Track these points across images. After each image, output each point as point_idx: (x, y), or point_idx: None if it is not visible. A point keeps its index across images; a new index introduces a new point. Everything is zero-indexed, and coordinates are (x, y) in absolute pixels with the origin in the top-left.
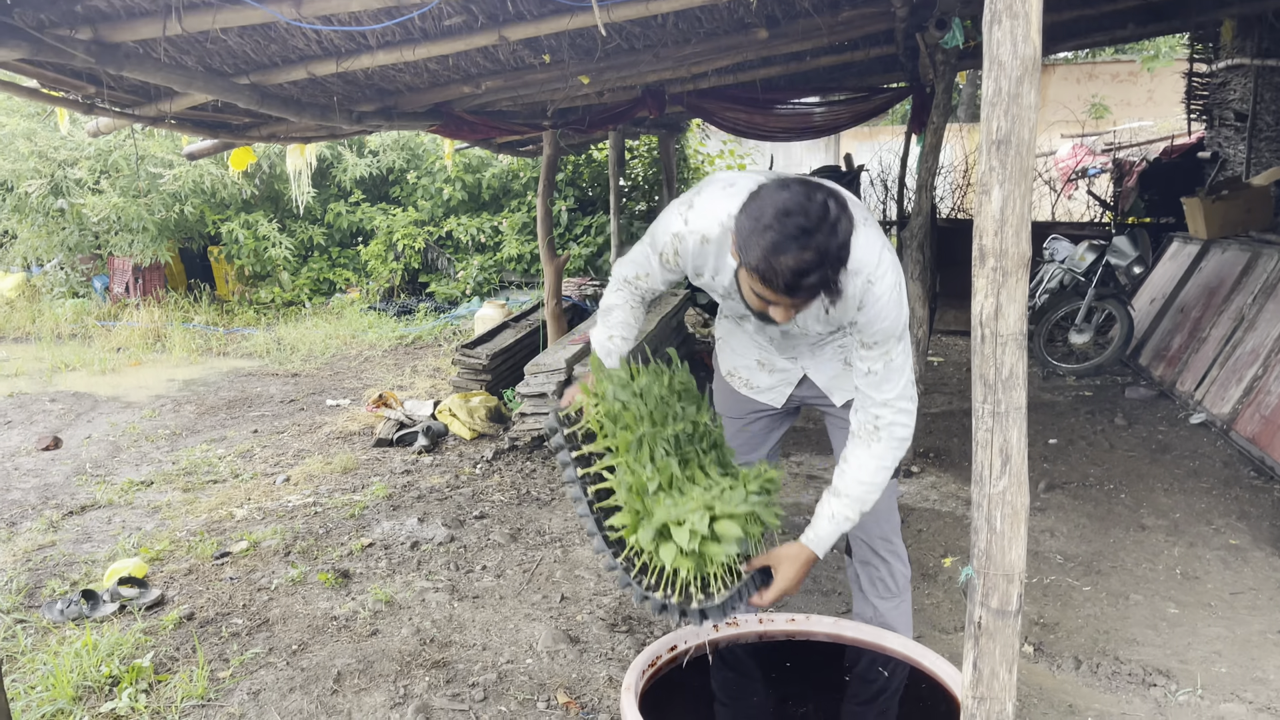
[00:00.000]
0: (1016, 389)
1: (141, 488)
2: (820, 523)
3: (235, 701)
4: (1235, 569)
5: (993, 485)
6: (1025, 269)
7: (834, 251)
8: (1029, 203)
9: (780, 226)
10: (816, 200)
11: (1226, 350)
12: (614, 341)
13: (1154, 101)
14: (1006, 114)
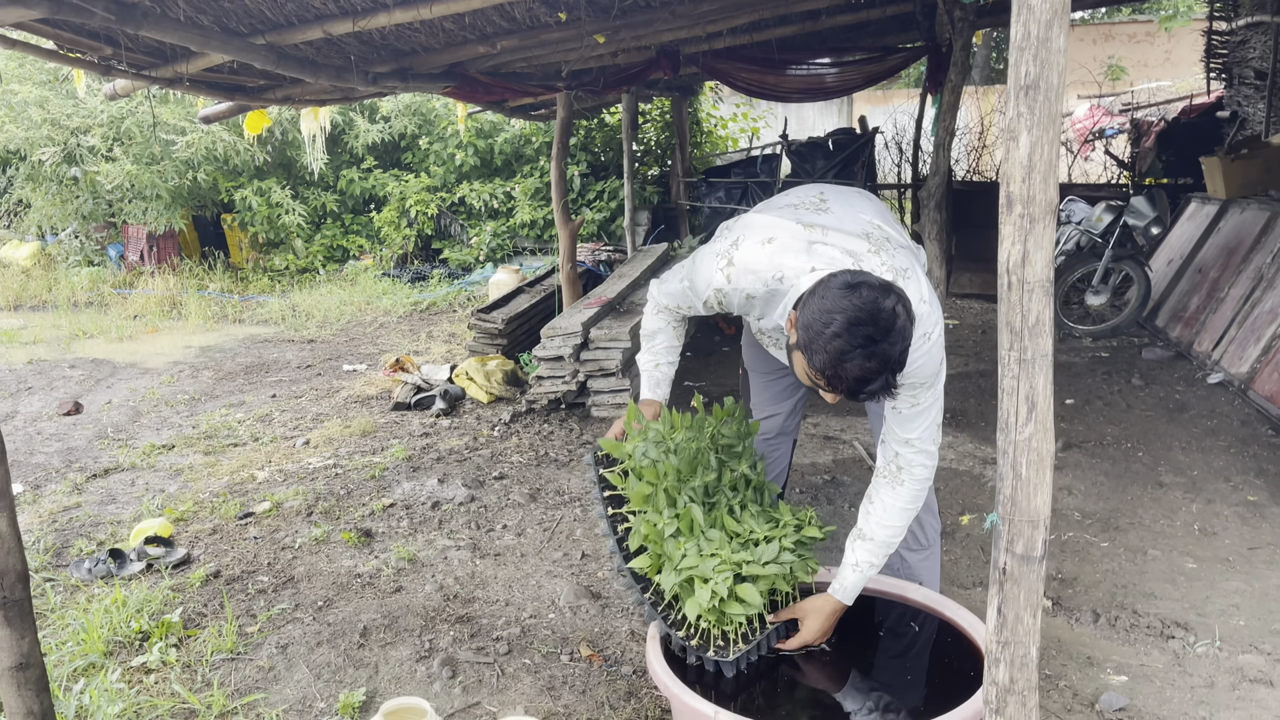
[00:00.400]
0: (1043, 336)
1: (163, 451)
2: (846, 573)
3: (264, 655)
4: (1253, 525)
5: (1019, 432)
6: (1052, 216)
7: (896, 357)
8: (1057, 149)
9: (849, 336)
10: (885, 309)
11: (1245, 310)
12: (660, 370)
13: (1171, 62)
14: (1035, 58)
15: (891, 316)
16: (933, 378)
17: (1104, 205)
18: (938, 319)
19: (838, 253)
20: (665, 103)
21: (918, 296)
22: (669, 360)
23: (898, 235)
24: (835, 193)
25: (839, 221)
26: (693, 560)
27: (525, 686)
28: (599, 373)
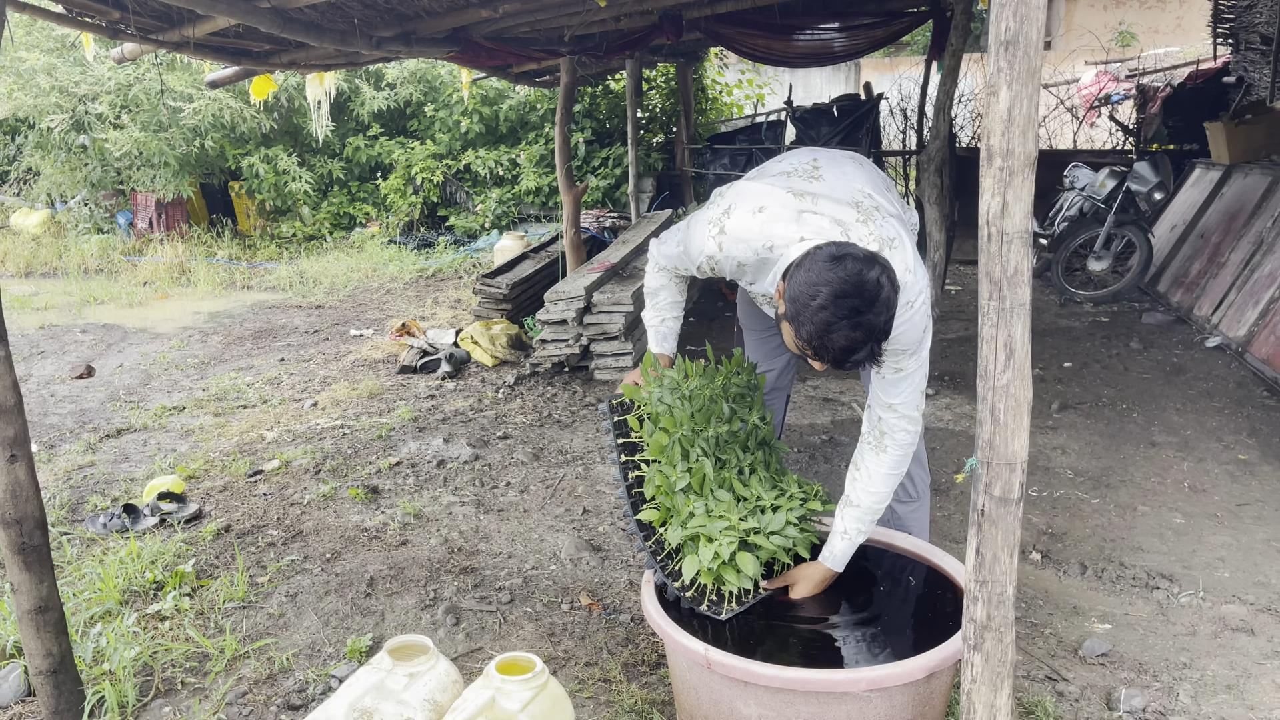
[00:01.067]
0: (1021, 286)
1: (174, 413)
2: (835, 541)
3: (274, 603)
4: (1243, 482)
5: (997, 379)
6: (1031, 169)
7: (881, 327)
8: (1036, 103)
9: (834, 308)
10: (869, 280)
11: (1245, 274)
12: (666, 325)
13: (1182, 28)
14: (1015, 15)
15: (876, 288)
16: (916, 344)
17: (1107, 171)
18: (922, 287)
19: (826, 222)
20: (670, 69)
21: (903, 266)
22: (674, 315)
23: (888, 204)
24: (828, 159)
25: (830, 189)
26: (701, 520)
27: (526, 633)
28: (601, 336)
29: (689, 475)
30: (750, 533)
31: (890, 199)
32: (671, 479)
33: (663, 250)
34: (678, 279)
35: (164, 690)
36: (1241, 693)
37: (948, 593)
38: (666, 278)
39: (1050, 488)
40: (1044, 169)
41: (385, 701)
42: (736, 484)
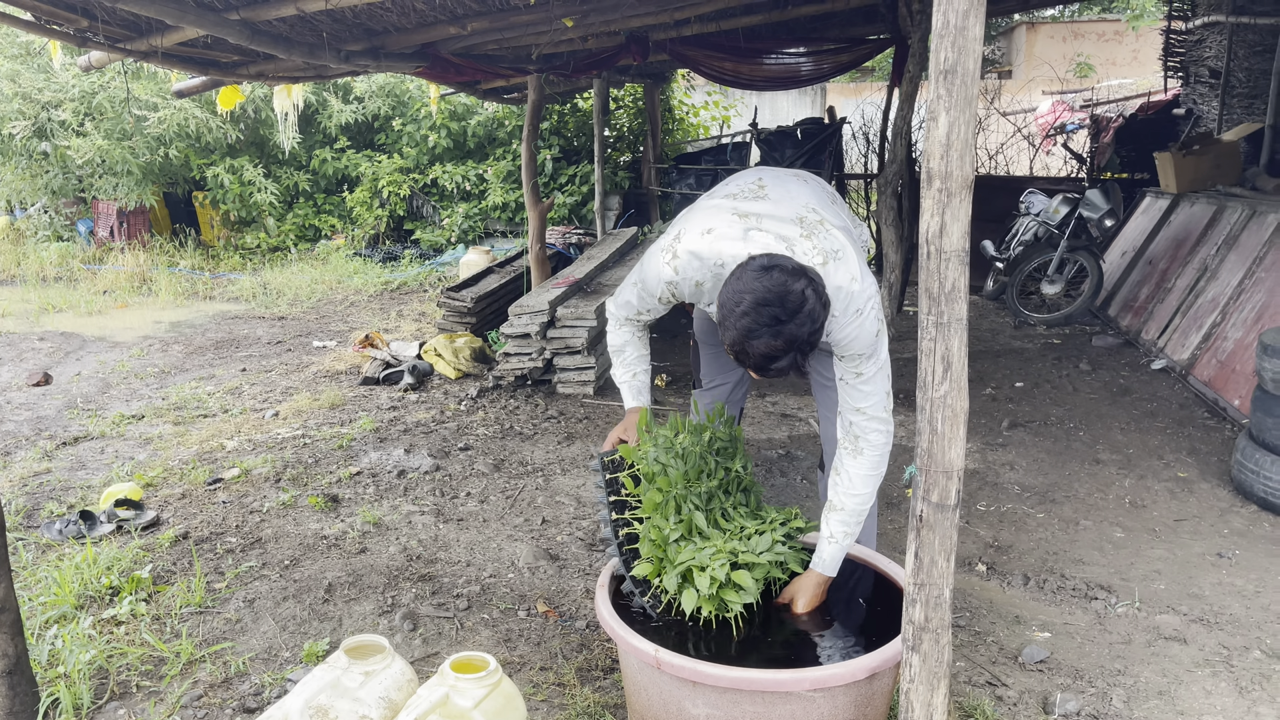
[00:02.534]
0: (958, 302)
1: (133, 421)
2: (823, 546)
3: (232, 608)
4: (1181, 499)
5: (935, 390)
6: (968, 191)
7: (804, 338)
8: (973, 129)
9: (755, 315)
10: (794, 291)
11: (1189, 299)
12: (638, 379)
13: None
14: (954, 45)
15: (800, 300)
16: (870, 349)
17: (1061, 197)
18: (870, 294)
19: (772, 239)
20: (638, 89)
21: (849, 275)
22: (644, 369)
23: (833, 217)
24: (773, 178)
25: (774, 208)
26: (690, 553)
27: (483, 638)
28: (565, 350)
29: (680, 527)
30: (740, 553)
31: (836, 212)
32: (665, 531)
33: (619, 302)
34: (639, 331)
35: (119, 693)
36: (1172, 699)
37: (894, 598)
38: (628, 332)
39: (998, 502)
40: (1002, 194)
41: (341, 699)
42: (721, 522)
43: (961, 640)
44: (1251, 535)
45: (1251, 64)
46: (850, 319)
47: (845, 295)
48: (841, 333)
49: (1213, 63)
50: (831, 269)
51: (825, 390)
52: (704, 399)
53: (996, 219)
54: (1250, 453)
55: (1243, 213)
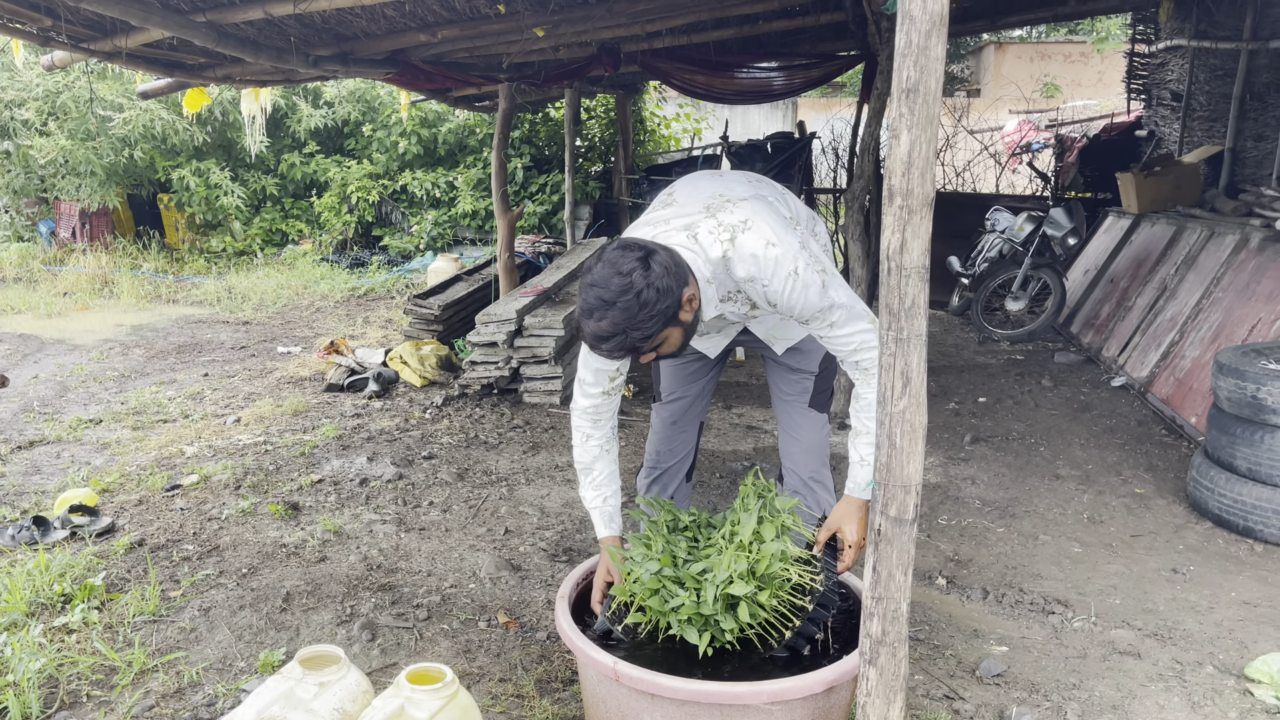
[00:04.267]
0: (918, 318)
1: (90, 425)
2: (856, 471)
3: (186, 617)
4: (1138, 515)
5: (894, 405)
6: (929, 208)
7: (636, 318)
8: (934, 148)
9: (584, 296)
10: (622, 271)
11: (1149, 318)
12: (609, 504)
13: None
14: (916, 64)
15: (624, 284)
16: (825, 301)
17: (1026, 215)
18: (796, 251)
19: (676, 233)
20: (610, 100)
21: (762, 241)
22: (613, 490)
23: (744, 190)
24: (683, 184)
25: (680, 210)
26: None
27: (442, 649)
28: (532, 359)
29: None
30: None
31: (754, 190)
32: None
33: (580, 389)
34: (607, 440)
35: (69, 702)
36: (1125, 713)
37: (855, 610)
38: (597, 440)
39: (959, 516)
40: (968, 211)
41: (294, 710)
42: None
43: (920, 653)
44: (1205, 551)
45: (1212, 88)
46: (785, 282)
47: (766, 261)
48: (784, 299)
49: (1175, 86)
50: (742, 241)
51: (784, 405)
52: (663, 412)
53: (963, 235)
54: (1205, 470)
55: (1201, 234)
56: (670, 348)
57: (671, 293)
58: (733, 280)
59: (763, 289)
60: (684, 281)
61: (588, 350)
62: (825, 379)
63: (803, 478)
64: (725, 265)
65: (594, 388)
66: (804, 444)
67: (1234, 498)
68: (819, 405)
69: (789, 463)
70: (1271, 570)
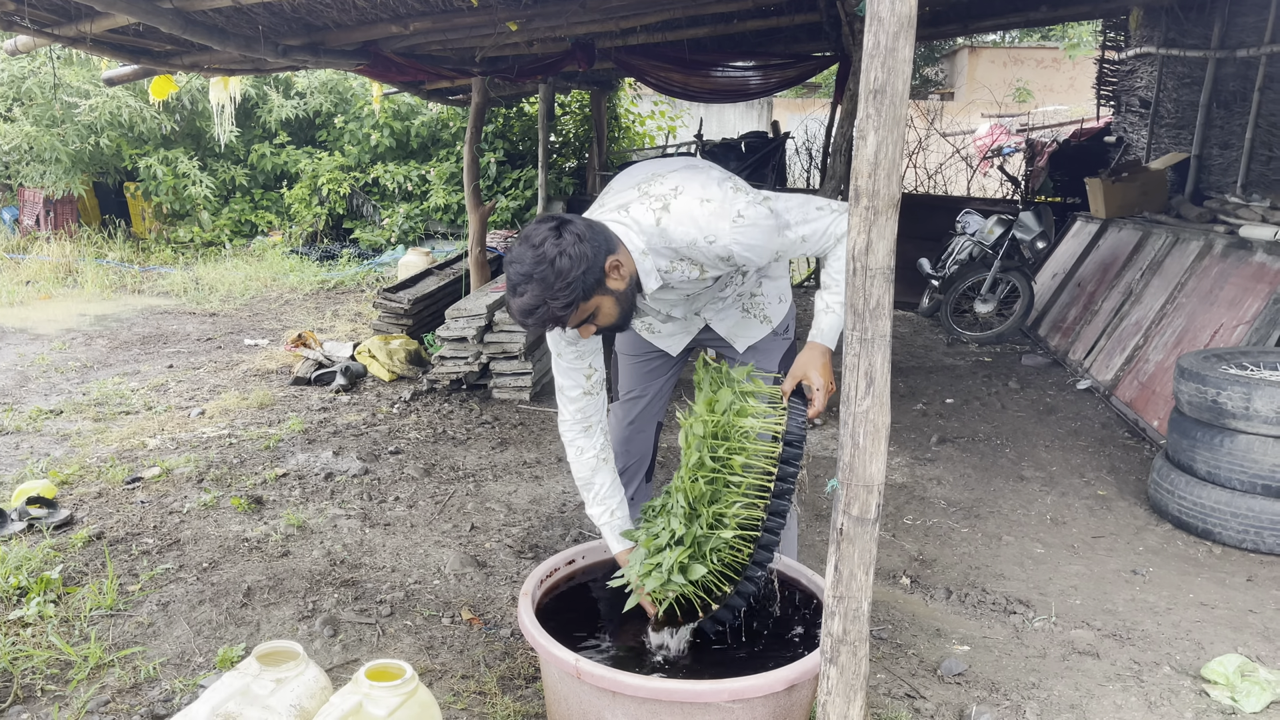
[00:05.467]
0: (883, 318)
1: (50, 416)
2: (820, 319)
3: (144, 612)
4: (1100, 516)
5: (857, 404)
6: (894, 209)
7: (554, 288)
8: (901, 149)
9: (507, 274)
10: (535, 243)
11: (1114, 322)
12: (616, 517)
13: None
14: (884, 66)
15: (537, 255)
16: (779, 229)
17: (996, 218)
18: (731, 200)
19: (608, 211)
20: (585, 96)
21: (696, 199)
22: (618, 500)
23: (675, 165)
24: (620, 175)
25: (616, 194)
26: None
27: (405, 645)
28: (502, 355)
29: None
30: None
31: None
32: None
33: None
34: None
35: (23, 697)
36: (1083, 712)
37: (817, 609)
38: (592, 457)
39: (925, 516)
40: (939, 213)
41: (250, 707)
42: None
43: (883, 652)
44: (1165, 553)
45: (1180, 95)
46: (734, 231)
47: (705, 219)
48: (741, 247)
49: (1143, 93)
50: (676, 206)
51: None
52: (619, 411)
53: (934, 237)
54: (1166, 473)
55: (1167, 239)
56: (607, 318)
57: (587, 259)
58: (672, 249)
59: (710, 246)
60: (606, 249)
61: (554, 356)
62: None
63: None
64: (662, 234)
65: (572, 390)
66: None
67: (1194, 500)
68: None
69: None
70: (1229, 572)
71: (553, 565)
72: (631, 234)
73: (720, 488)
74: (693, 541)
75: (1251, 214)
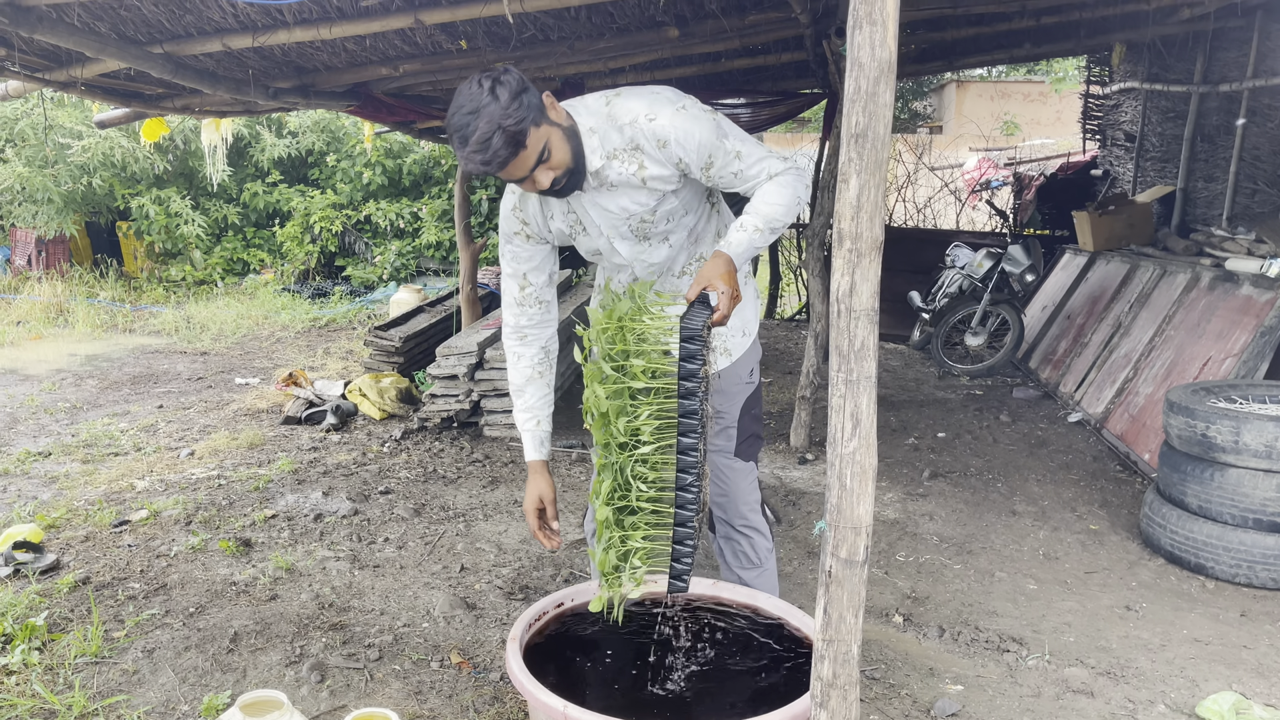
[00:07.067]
0: (867, 360)
1: (39, 458)
2: (733, 233)
3: (129, 659)
4: (1092, 551)
5: (844, 446)
6: (877, 252)
7: (507, 109)
8: (883, 191)
9: (454, 124)
10: (470, 88)
11: (1104, 354)
12: (542, 427)
13: (1062, 122)
14: (865, 110)
15: (476, 90)
16: (718, 128)
17: (985, 252)
18: (680, 96)
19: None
20: None
21: (649, 90)
22: (546, 414)
23: None
24: None
25: None
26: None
27: (393, 691)
28: (493, 392)
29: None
30: None
31: None
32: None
33: (506, 307)
34: (538, 358)
35: None
36: None
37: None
38: (528, 365)
39: (917, 553)
40: (929, 247)
41: None
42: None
43: (876, 693)
44: (1158, 588)
45: (1164, 129)
46: (675, 116)
47: (652, 98)
48: (676, 133)
49: (1128, 127)
50: (625, 93)
51: (710, 455)
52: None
53: (924, 271)
54: (1158, 507)
55: (1154, 272)
56: (560, 158)
57: (525, 85)
58: (616, 126)
59: (650, 124)
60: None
61: (503, 259)
62: (748, 423)
63: (734, 525)
64: (609, 115)
65: (507, 297)
66: (733, 494)
67: (1185, 535)
68: (745, 454)
69: (719, 511)
70: (1222, 607)
71: (541, 609)
72: (580, 111)
73: (628, 401)
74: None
75: (1237, 247)
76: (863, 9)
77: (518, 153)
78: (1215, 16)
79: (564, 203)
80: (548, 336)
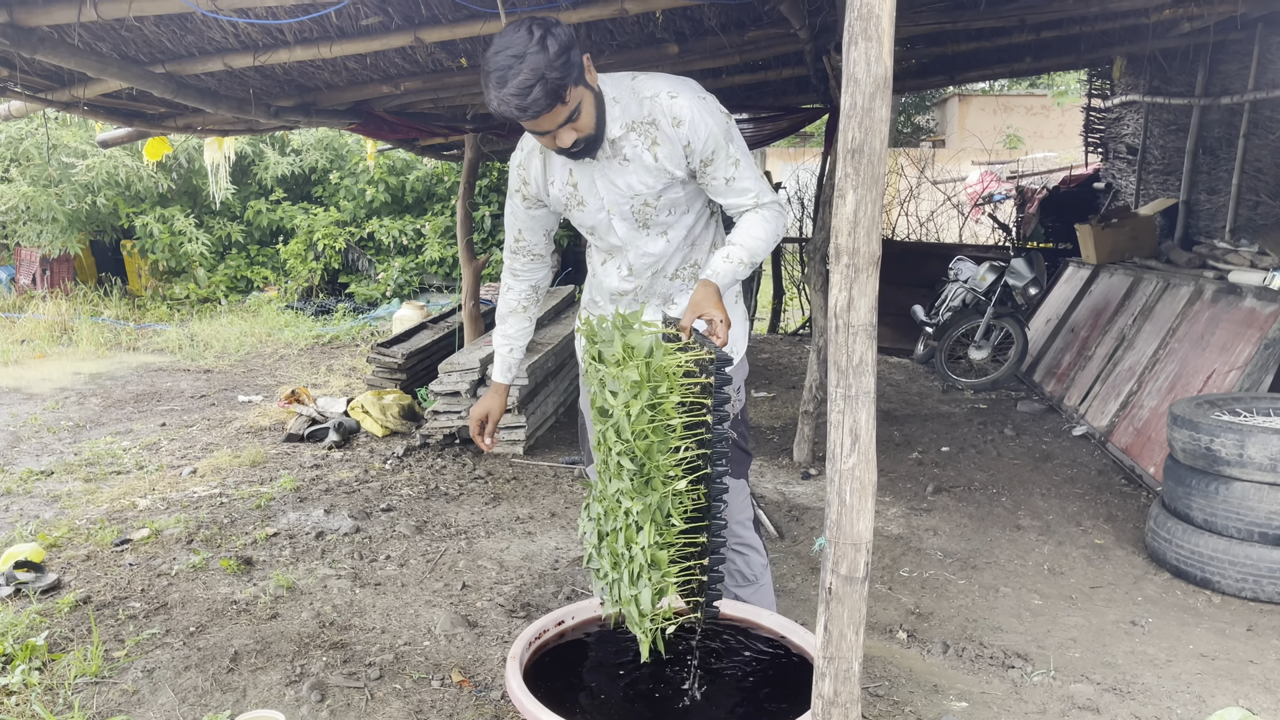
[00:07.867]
0: (866, 375)
1: (41, 477)
2: (719, 263)
3: (129, 679)
4: (1097, 565)
5: (843, 461)
6: (875, 267)
7: (549, 61)
8: (880, 207)
9: (492, 67)
10: (518, 31)
11: (1108, 368)
12: (514, 354)
13: (1064, 135)
14: (860, 126)
15: (525, 36)
16: (727, 129)
17: (988, 265)
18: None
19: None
20: None
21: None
22: (520, 344)
23: None
24: None
25: None
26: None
27: (393, 710)
28: None
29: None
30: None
31: None
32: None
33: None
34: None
35: None
36: None
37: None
38: (515, 298)
39: (921, 568)
40: (932, 261)
41: None
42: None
43: (880, 710)
44: (1164, 603)
45: (1166, 142)
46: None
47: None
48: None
49: (1130, 140)
50: (650, 72)
51: None
52: (592, 475)
53: (927, 284)
54: (1163, 521)
55: (1158, 285)
56: (587, 121)
57: (574, 41)
58: (637, 99)
59: (671, 101)
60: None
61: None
62: (737, 440)
63: (728, 543)
64: (633, 89)
65: (506, 243)
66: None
67: (1191, 549)
68: (735, 471)
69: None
70: (1228, 622)
71: (541, 627)
72: (606, 82)
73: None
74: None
75: (1240, 259)
76: (859, 25)
77: (554, 106)
78: (1216, 29)
79: (567, 171)
80: (539, 278)
